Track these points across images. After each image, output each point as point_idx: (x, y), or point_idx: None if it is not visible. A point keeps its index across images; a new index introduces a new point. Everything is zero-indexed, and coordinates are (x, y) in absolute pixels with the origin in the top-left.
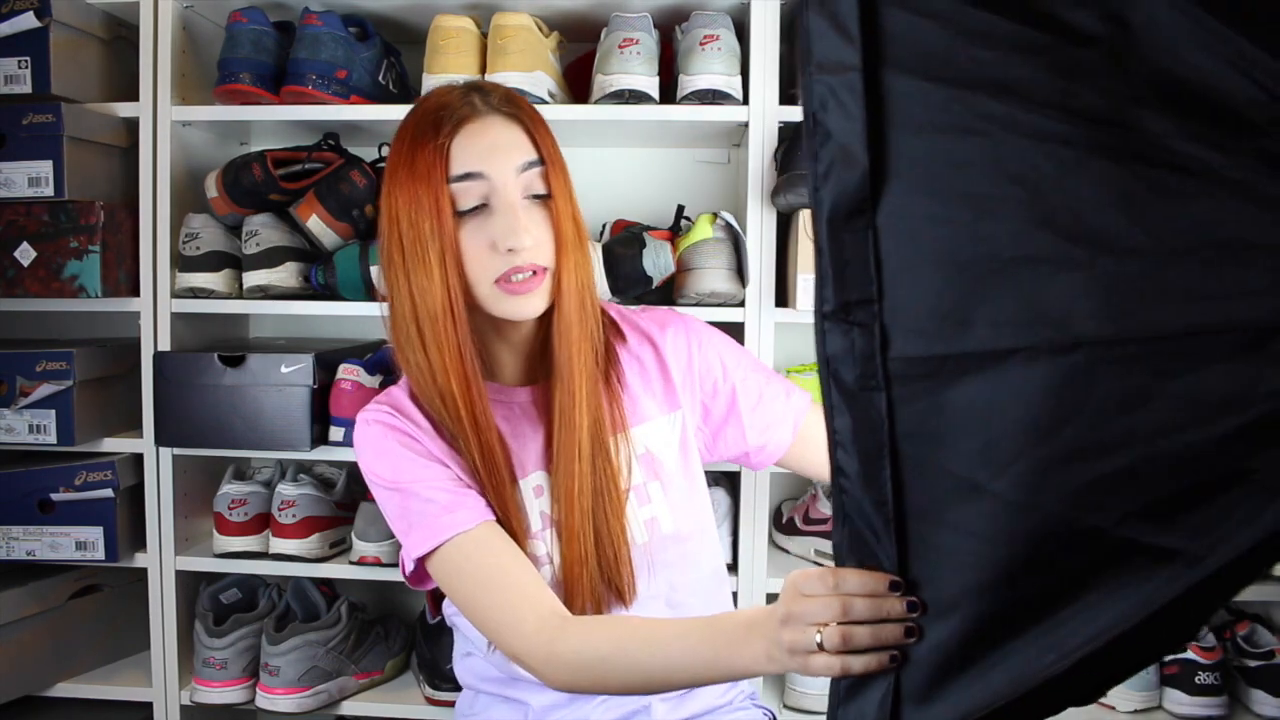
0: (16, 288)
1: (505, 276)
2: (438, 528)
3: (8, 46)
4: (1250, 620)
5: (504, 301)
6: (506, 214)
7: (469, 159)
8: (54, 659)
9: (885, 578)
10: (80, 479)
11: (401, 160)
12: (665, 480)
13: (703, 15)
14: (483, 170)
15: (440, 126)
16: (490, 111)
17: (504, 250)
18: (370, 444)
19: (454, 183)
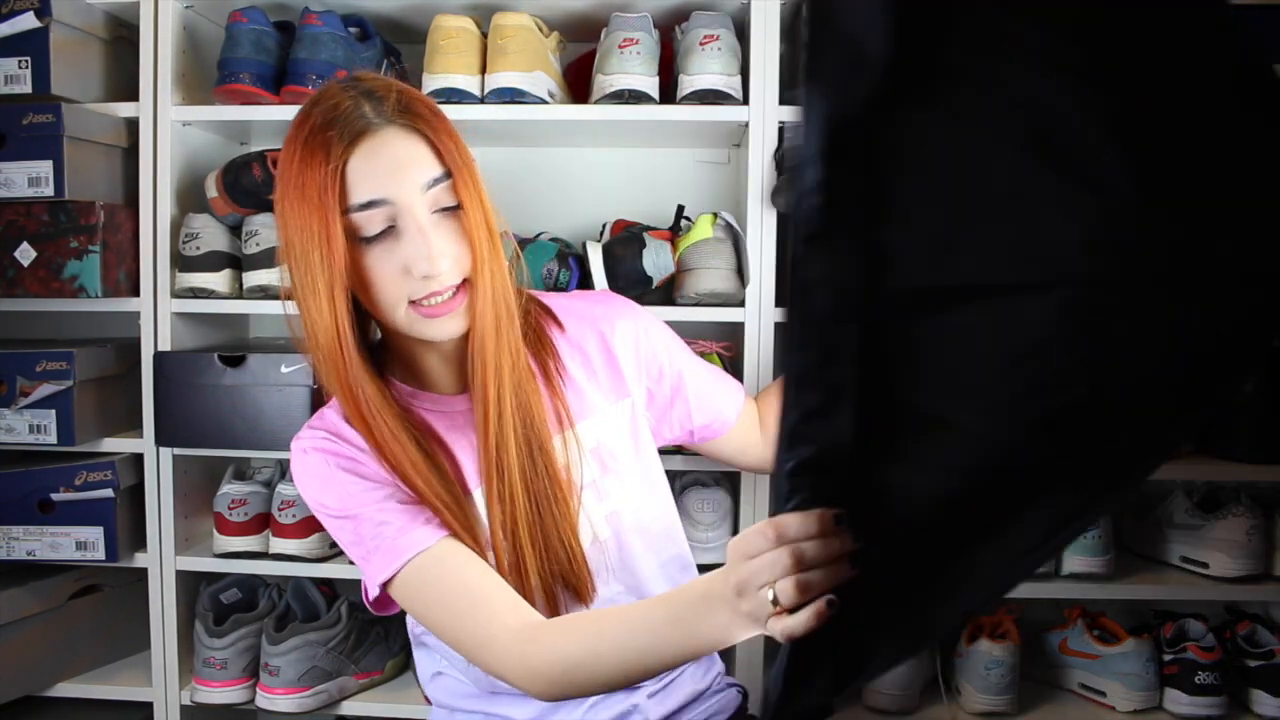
0: (16, 288)
1: (421, 300)
2: (395, 550)
3: (8, 46)
4: (1250, 620)
5: (422, 324)
6: (416, 238)
7: (369, 185)
8: (54, 659)
9: (827, 514)
10: (80, 479)
11: (290, 179)
12: (621, 472)
13: (703, 15)
14: (385, 196)
15: (331, 146)
16: (385, 124)
17: (419, 276)
18: (312, 474)
19: (354, 212)
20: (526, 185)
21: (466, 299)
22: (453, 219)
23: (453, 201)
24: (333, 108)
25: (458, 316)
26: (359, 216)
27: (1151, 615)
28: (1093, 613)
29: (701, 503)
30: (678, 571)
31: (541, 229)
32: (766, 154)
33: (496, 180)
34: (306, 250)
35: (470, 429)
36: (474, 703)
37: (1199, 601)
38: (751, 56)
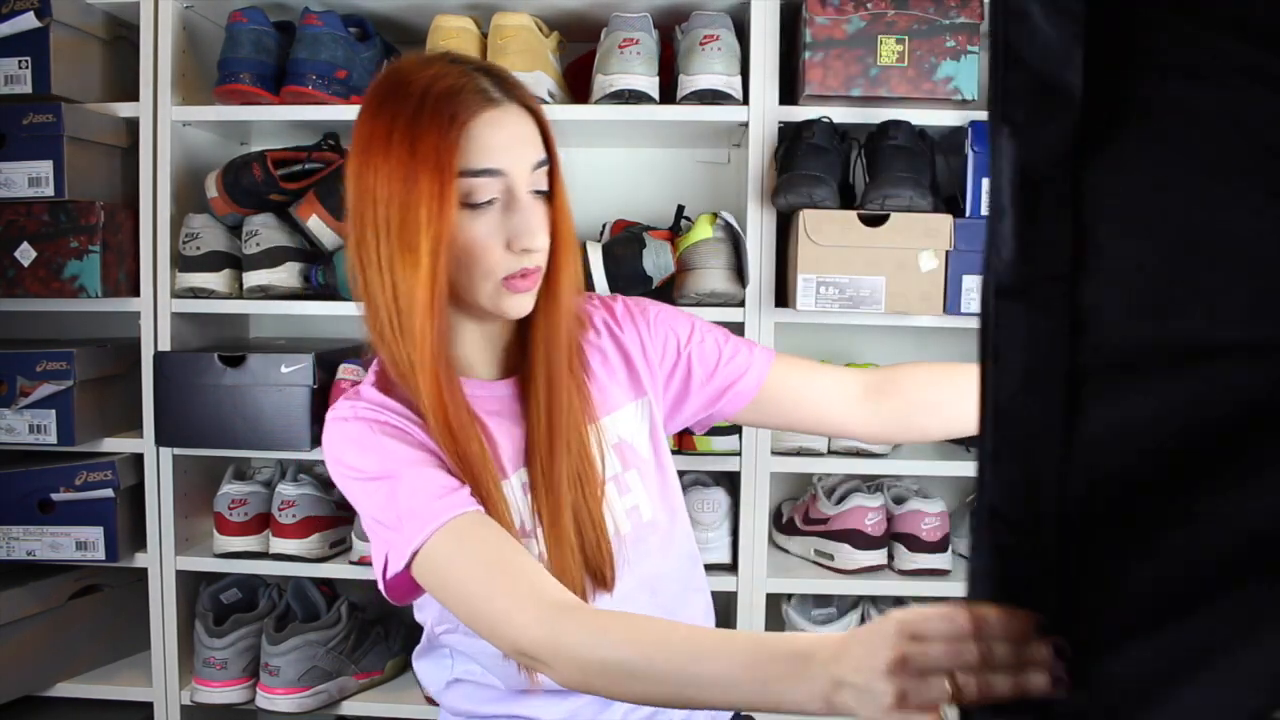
0: (16, 288)
1: (513, 275)
2: (433, 512)
3: (8, 46)
4: None
5: (506, 299)
6: (525, 212)
7: (489, 154)
8: (54, 659)
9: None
10: (80, 479)
11: (398, 139)
12: (641, 468)
13: (703, 15)
14: (501, 167)
15: (454, 111)
16: (508, 101)
17: (518, 250)
18: (351, 440)
19: (469, 176)
20: None
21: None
22: (544, 204)
23: (546, 186)
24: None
25: (532, 296)
26: (473, 182)
27: None
28: None
29: (701, 502)
30: (690, 567)
31: None
32: (766, 154)
33: None
34: (412, 208)
35: (508, 414)
36: (499, 706)
37: None
38: (751, 56)
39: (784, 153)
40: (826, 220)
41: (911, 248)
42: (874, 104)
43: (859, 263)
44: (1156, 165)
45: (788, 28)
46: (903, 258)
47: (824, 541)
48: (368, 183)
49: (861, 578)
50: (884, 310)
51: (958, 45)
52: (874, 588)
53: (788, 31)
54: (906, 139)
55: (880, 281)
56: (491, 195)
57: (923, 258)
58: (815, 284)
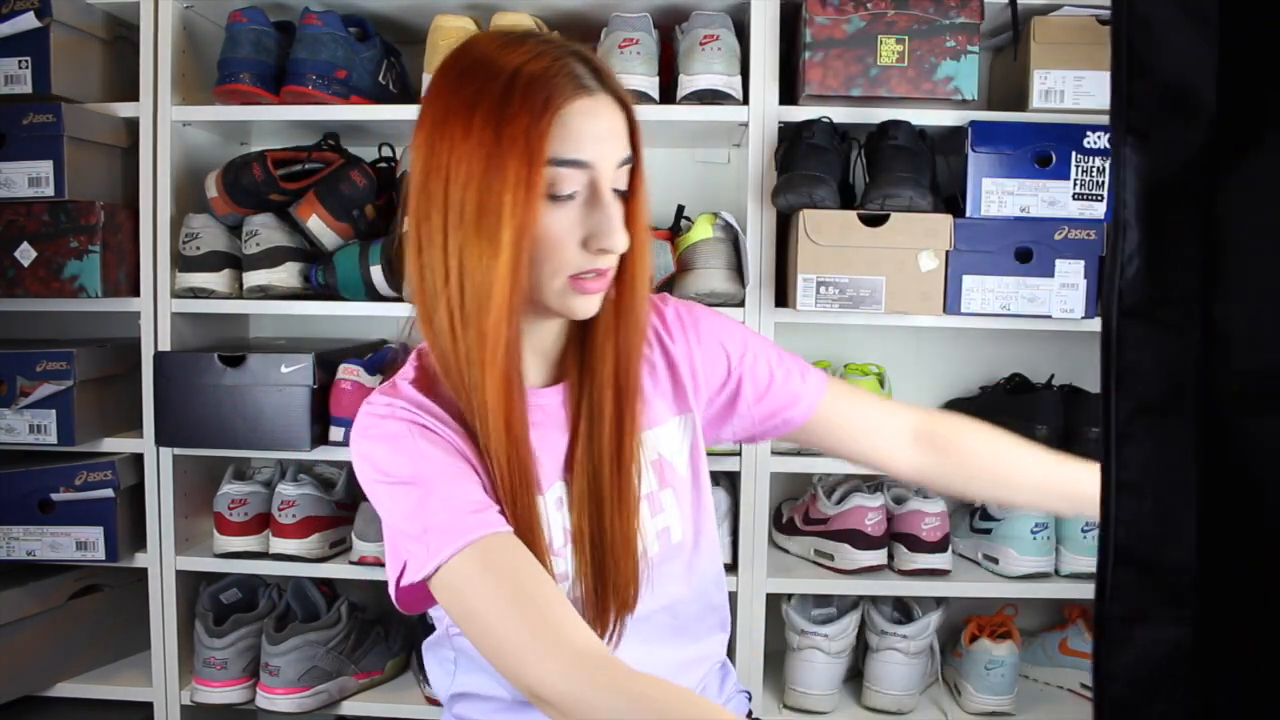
0: (16, 288)
1: (583, 274)
2: (463, 527)
3: (8, 46)
4: None
5: (572, 299)
6: (605, 211)
7: (578, 144)
8: (54, 659)
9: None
10: (80, 479)
11: (482, 118)
12: (677, 487)
13: (703, 15)
14: (590, 160)
15: (547, 95)
16: (602, 91)
17: (595, 250)
18: (385, 437)
19: (555, 165)
20: None
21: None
22: (621, 204)
23: (626, 186)
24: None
25: (600, 297)
26: (558, 172)
27: None
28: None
29: None
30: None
31: None
32: (766, 154)
33: None
34: (496, 192)
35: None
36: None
37: None
38: (751, 56)
39: (784, 153)
40: (826, 220)
41: (911, 248)
42: (874, 104)
43: (859, 263)
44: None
45: (788, 28)
46: (903, 258)
47: (824, 541)
48: (440, 159)
49: (861, 578)
50: (884, 310)
51: (958, 45)
52: (874, 588)
53: (788, 31)
54: (906, 139)
55: (880, 281)
56: (575, 188)
57: (923, 258)
58: (815, 284)
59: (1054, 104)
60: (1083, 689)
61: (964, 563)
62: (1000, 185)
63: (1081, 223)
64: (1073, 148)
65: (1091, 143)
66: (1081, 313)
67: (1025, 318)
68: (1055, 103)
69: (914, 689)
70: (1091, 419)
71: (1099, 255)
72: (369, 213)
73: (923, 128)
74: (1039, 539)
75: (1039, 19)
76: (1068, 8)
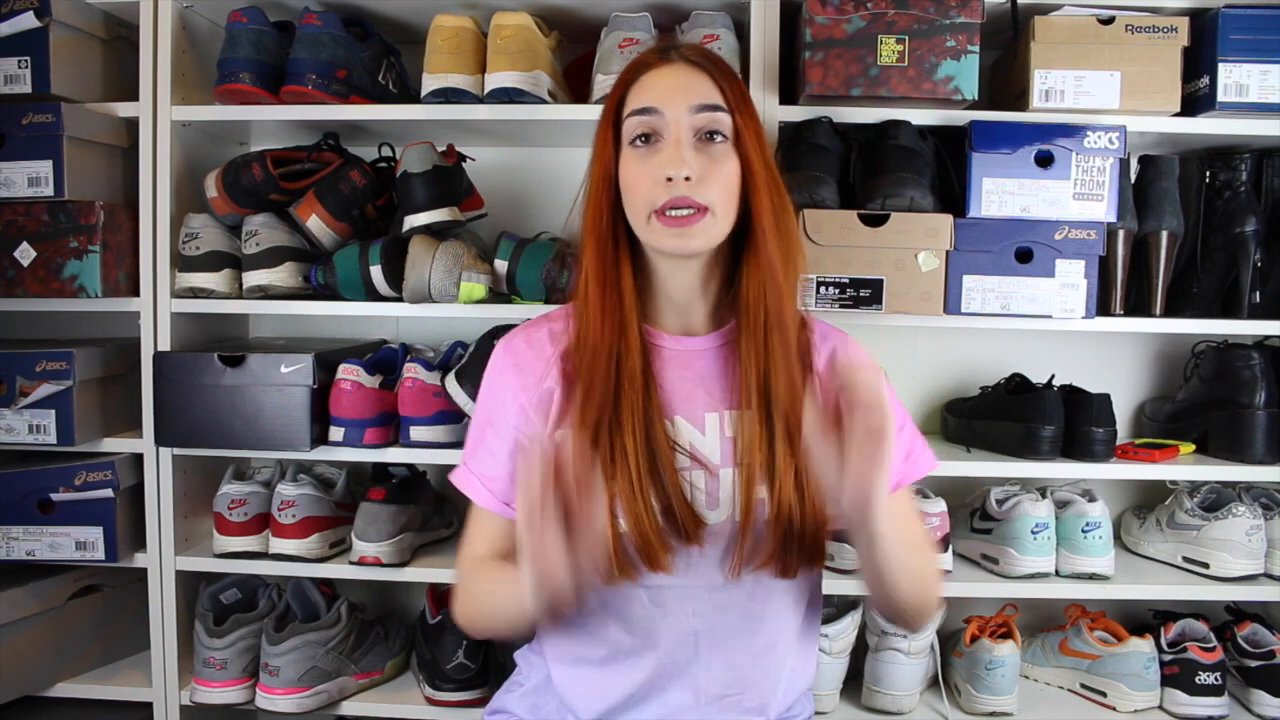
0: (16, 288)
1: (663, 208)
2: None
3: (8, 46)
4: (1251, 620)
5: (660, 234)
6: (671, 146)
7: (645, 96)
8: (54, 659)
9: None
10: (80, 479)
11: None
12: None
13: (703, 15)
14: (655, 105)
15: (632, 72)
16: (678, 59)
17: (663, 178)
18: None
19: (629, 117)
20: (526, 185)
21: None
22: (715, 149)
23: (723, 133)
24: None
25: (698, 235)
26: (630, 121)
27: (1151, 615)
28: (1093, 613)
29: None
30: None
31: (541, 229)
32: None
33: (496, 180)
34: (594, 154)
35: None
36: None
37: (1199, 601)
38: (751, 56)
39: (784, 153)
40: (827, 220)
41: (911, 248)
42: (874, 104)
43: (859, 263)
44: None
45: (788, 28)
46: (902, 258)
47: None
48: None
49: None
50: (884, 310)
51: (958, 45)
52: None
53: (788, 31)
54: (906, 139)
55: (880, 281)
56: (644, 130)
57: (923, 258)
58: (815, 284)
59: (1054, 104)
60: (1082, 689)
61: (964, 563)
62: (1000, 185)
63: (1081, 223)
64: (1073, 148)
65: (1091, 143)
66: (1081, 313)
67: (1025, 318)
68: (1055, 103)
69: (914, 689)
70: (1091, 419)
71: (1099, 255)
72: (369, 213)
73: (923, 128)
74: (1039, 539)
75: (1039, 19)
76: (1068, 8)
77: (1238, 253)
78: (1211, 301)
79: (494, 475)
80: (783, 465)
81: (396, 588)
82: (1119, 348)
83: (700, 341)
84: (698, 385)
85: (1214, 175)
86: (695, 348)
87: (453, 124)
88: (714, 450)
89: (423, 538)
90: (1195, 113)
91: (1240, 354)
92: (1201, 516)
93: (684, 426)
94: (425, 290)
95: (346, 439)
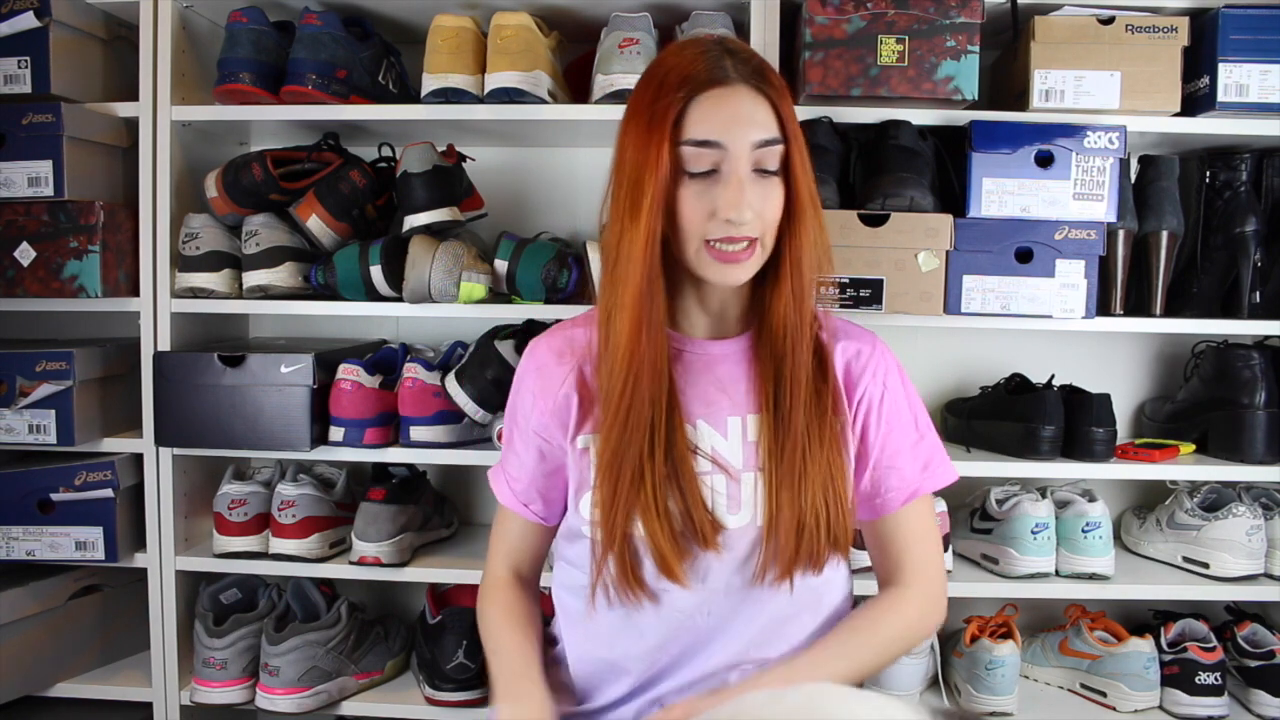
0: (16, 288)
1: (717, 242)
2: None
3: (8, 46)
4: (1251, 620)
5: (710, 267)
6: (734, 186)
7: (709, 127)
8: (54, 659)
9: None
10: (80, 479)
11: (641, 109)
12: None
13: (703, 15)
14: (720, 140)
15: (686, 85)
16: (739, 81)
17: (723, 220)
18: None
19: (688, 145)
20: (526, 185)
21: (757, 254)
22: (769, 182)
23: (775, 166)
24: (699, 55)
25: (747, 266)
26: (691, 151)
27: (1151, 615)
28: (1093, 613)
29: None
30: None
31: (541, 229)
32: None
33: (496, 180)
34: (640, 173)
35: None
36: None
37: (1199, 601)
38: None
39: None
40: (827, 220)
41: (911, 248)
42: (874, 104)
43: (859, 263)
44: None
45: (788, 28)
46: (902, 258)
47: None
48: (621, 149)
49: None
50: (884, 310)
51: (958, 45)
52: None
53: (788, 31)
54: (907, 139)
55: (880, 281)
56: (708, 166)
57: (923, 258)
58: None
59: (1054, 104)
60: (1082, 689)
61: (964, 563)
62: (1000, 185)
63: (1081, 223)
64: (1073, 148)
65: (1092, 143)
66: (1081, 313)
67: (1025, 318)
68: (1055, 103)
69: (914, 689)
70: (1091, 419)
71: (1099, 255)
72: (369, 212)
73: (923, 127)
74: (1039, 539)
75: (1039, 19)
76: (1068, 8)
77: (1238, 253)
78: (1211, 301)
79: (517, 475)
80: (803, 470)
81: (396, 588)
82: (1119, 348)
83: (725, 346)
84: (721, 389)
85: (1214, 175)
86: (719, 352)
87: (453, 124)
88: (735, 454)
89: (423, 538)
90: (1195, 113)
91: (1240, 354)
92: (1201, 516)
93: (705, 430)
94: (425, 290)
95: (346, 439)
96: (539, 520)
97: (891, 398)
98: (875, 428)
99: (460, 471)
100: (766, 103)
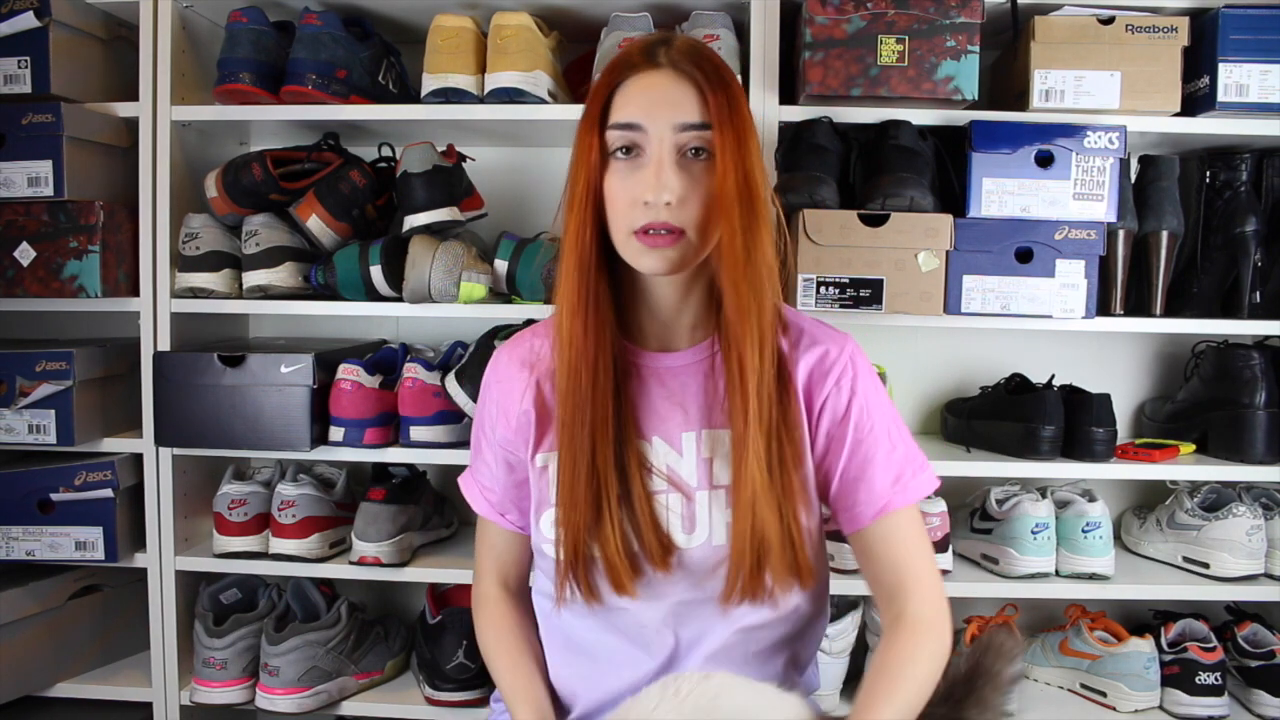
0: (16, 288)
1: (643, 229)
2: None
3: (8, 46)
4: (1251, 620)
5: (637, 252)
6: (652, 168)
7: (631, 109)
8: (54, 659)
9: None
10: (80, 479)
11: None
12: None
13: (703, 15)
14: (638, 121)
15: (616, 71)
16: (666, 66)
17: (641, 203)
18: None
19: (612, 130)
20: (526, 185)
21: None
22: (697, 170)
23: (705, 148)
24: (638, 46)
25: (673, 254)
26: (611, 134)
27: (1152, 615)
28: (1093, 613)
29: None
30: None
31: (541, 229)
32: (767, 154)
33: (496, 180)
34: (575, 163)
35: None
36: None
37: (1199, 601)
38: (751, 56)
39: (784, 153)
40: (827, 220)
41: (911, 248)
42: (874, 104)
43: (859, 263)
44: None
45: (788, 28)
46: (902, 258)
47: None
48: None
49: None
50: (884, 310)
51: (958, 45)
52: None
53: (788, 31)
54: (907, 139)
55: (880, 281)
56: (626, 144)
57: (923, 258)
58: (815, 284)
59: (1054, 104)
60: (1082, 689)
61: (964, 563)
62: (1000, 185)
63: (1081, 223)
64: (1073, 148)
65: (1092, 143)
66: (1081, 313)
67: (1025, 318)
68: (1055, 103)
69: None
70: (1091, 419)
71: (1099, 255)
72: (369, 212)
73: (923, 127)
74: (1039, 539)
75: (1039, 19)
76: (1068, 8)
77: (1238, 253)
78: (1211, 301)
79: (490, 486)
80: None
81: (396, 588)
82: (1119, 348)
83: (679, 358)
84: (675, 404)
85: (1214, 175)
86: (673, 364)
87: (453, 124)
88: (690, 472)
89: (423, 538)
90: (1195, 113)
91: (1240, 354)
92: (1202, 516)
93: (661, 447)
94: (425, 290)
95: (346, 439)
96: (518, 530)
97: (858, 405)
98: (838, 437)
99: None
100: (693, 88)
